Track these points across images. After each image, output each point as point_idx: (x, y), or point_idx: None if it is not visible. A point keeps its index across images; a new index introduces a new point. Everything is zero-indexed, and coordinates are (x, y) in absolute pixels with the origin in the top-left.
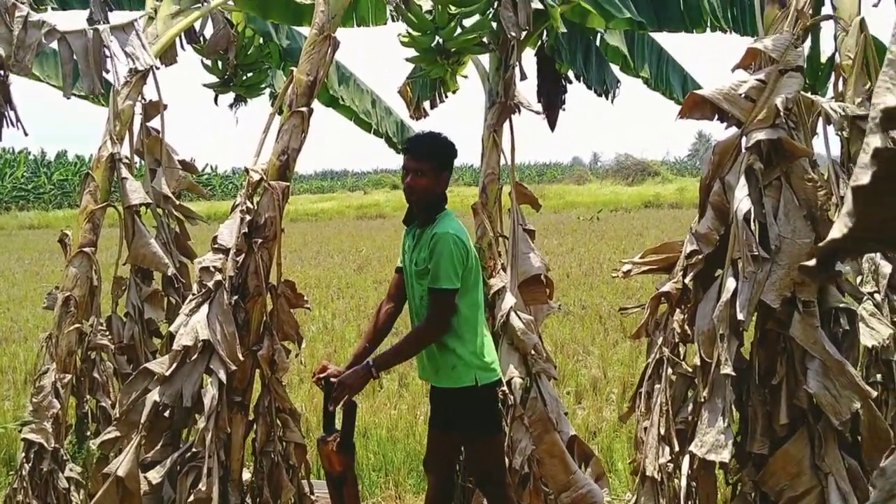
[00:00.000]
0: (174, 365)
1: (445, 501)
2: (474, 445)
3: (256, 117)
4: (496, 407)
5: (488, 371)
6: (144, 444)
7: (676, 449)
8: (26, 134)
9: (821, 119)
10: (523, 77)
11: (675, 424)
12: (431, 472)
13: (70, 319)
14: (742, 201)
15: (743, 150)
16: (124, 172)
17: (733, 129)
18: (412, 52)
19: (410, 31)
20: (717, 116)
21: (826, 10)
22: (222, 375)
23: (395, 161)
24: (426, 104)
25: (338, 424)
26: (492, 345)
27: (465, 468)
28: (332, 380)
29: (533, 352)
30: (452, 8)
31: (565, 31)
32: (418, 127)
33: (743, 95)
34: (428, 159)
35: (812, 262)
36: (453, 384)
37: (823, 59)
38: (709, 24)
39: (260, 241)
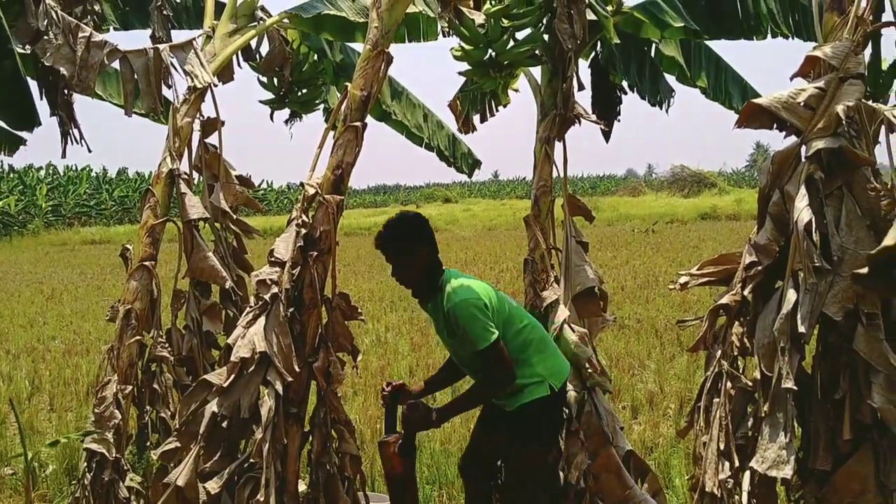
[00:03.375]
0: (232, 377)
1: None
2: (523, 449)
3: (311, 133)
4: (561, 413)
5: (558, 376)
6: (203, 454)
7: (736, 464)
8: (90, 151)
9: (883, 127)
10: (581, 88)
11: (734, 439)
12: (468, 477)
13: (131, 332)
14: (802, 211)
15: (803, 160)
16: (183, 188)
17: (792, 139)
18: (464, 66)
19: (463, 44)
20: (775, 125)
21: (887, 16)
22: (279, 387)
23: (447, 175)
24: (476, 118)
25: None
26: (553, 347)
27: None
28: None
29: (587, 365)
30: (505, 21)
31: (619, 42)
32: (471, 140)
33: (802, 104)
34: (394, 252)
35: (865, 271)
36: (529, 398)
37: (885, 66)
38: (769, 31)
39: (315, 254)
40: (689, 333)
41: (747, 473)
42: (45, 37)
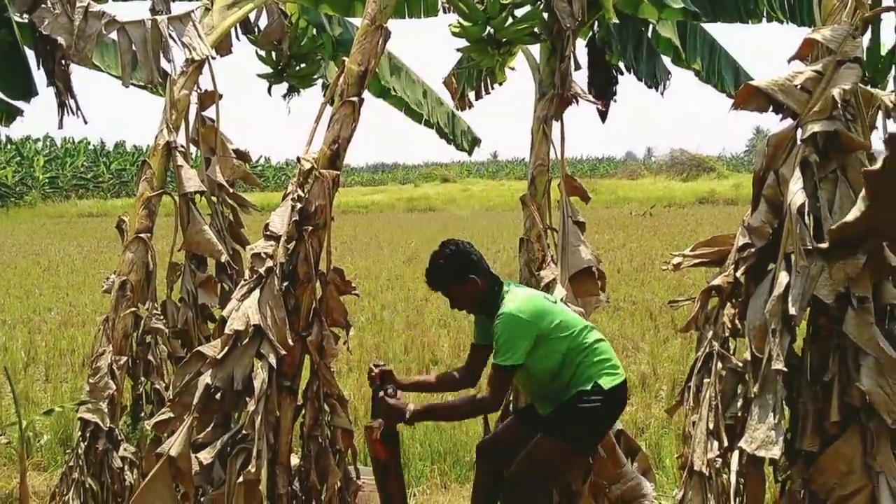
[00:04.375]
0: (226, 349)
1: (497, 493)
2: (547, 440)
3: (309, 108)
4: (601, 419)
5: (609, 376)
6: (196, 425)
7: (725, 444)
8: (86, 122)
9: (880, 112)
10: (577, 67)
11: (724, 419)
12: (485, 460)
13: (126, 303)
14: (796, 194)
15: (798, 142)
16: (180, 160)
17: (788, 121)
18: (463, 43)
19: (462, 21)
20: (771, 108)
21: (887, 1)
22: (272, 360)
23: (446, 154)
24: (471, 95)
25: None
26: (605, 347)
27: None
28: (383, 395)
29: None
30: None
31: (617, 21)
32: (470, 118)
33: (799, 86)
34: (445, 285)
35: (825, 245)
36: (572, 392)
37: (884, 51)
38: (765, 15)
39: (310, 228)
40: (683, 316)
41: (736, 453)
42: (43, 5)
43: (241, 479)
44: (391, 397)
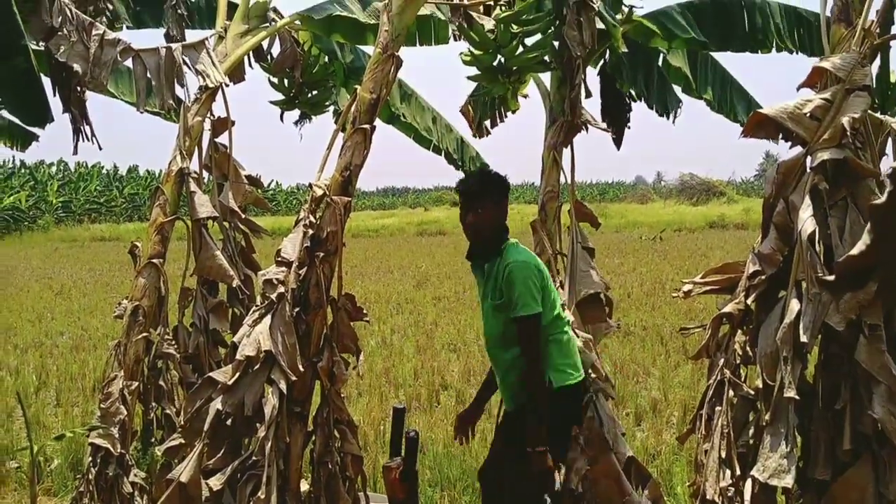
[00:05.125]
0: (237, 375)
1: None
2: (523, 462)
3: (320, 134)
4: (569, 416)
5: (562, 373)
6: (207, 451)
7: (738, 472)
8: (100, 148)
9: (890, 139)
10: (588, 95)
11: (736, 447)
12: (484, 483)
13: (138, 328)
14: (806, 222)
15: (808, 170)
16: (193, 186)
17: (798, 149)
18: (473, 71)
19: (472, 49)
20: (781, 136)
21: None
22: (283, 386)
23: (455, 179)
24: (487, 123)
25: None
26: (572, 346)
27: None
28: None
29: (591, 371)
30: (514, 27)
31: (626, 51)
32: (479, 144)
33: (808, 114)
34: (483, 194)
35: (831, 278)
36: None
37: (893, 79)
38: (774, 45)
39: (322, 254)
40: (695, 341)
41: (748, 482)
42: (60, 33)
43: None
44: (414, 440)
